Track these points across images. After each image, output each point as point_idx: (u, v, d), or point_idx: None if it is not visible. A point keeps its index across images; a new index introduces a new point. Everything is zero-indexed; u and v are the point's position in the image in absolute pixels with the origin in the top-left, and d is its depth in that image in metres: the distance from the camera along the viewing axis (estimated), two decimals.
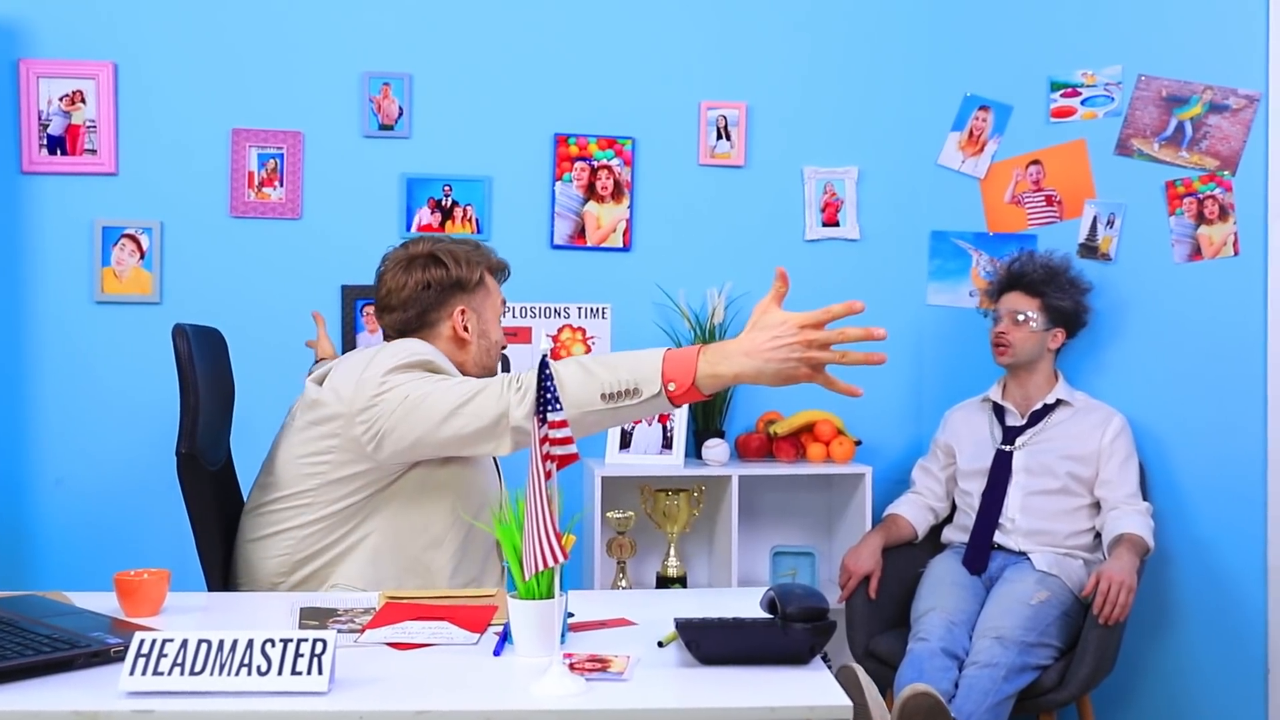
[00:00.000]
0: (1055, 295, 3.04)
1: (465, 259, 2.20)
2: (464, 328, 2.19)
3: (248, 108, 3.25)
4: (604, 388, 1.85)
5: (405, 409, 1.96)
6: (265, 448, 3.18)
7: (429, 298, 2.18)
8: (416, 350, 2.07)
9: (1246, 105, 3.03)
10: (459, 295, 2.20)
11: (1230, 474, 3.05)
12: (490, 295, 2.25)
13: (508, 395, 1.90)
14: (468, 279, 2.20)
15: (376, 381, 2.00)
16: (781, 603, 1.52)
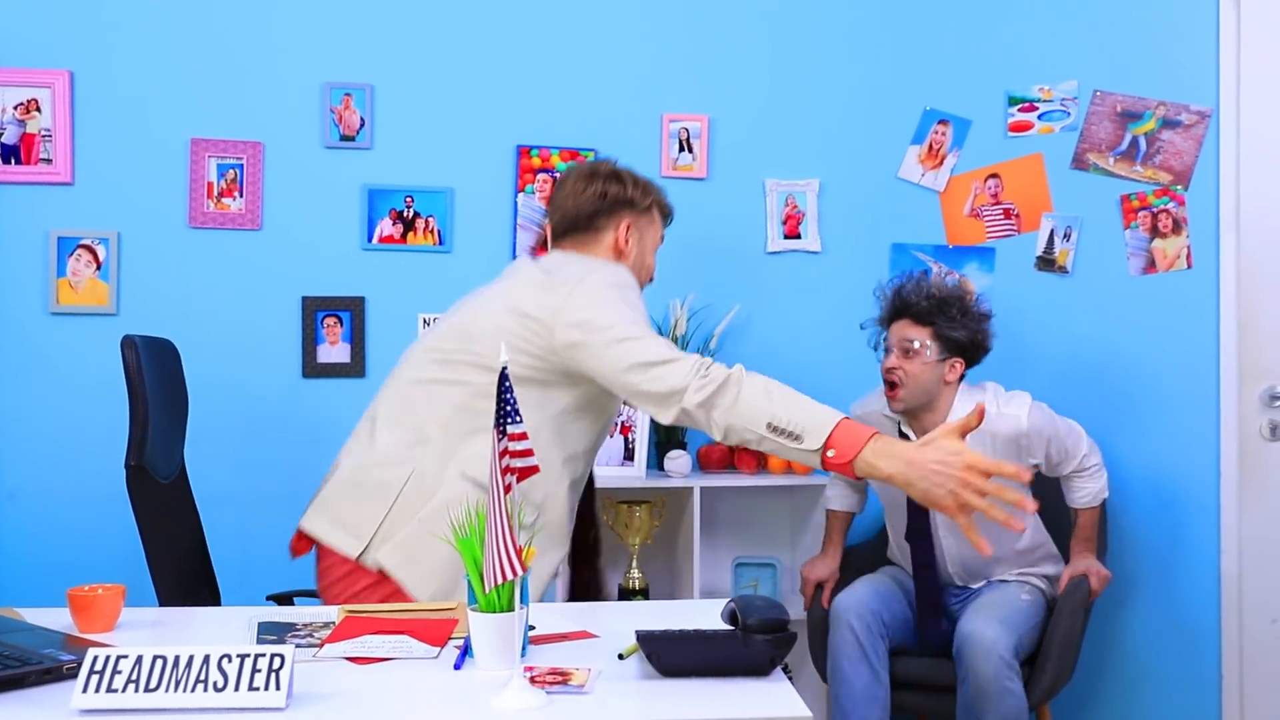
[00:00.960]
0: (946, 325, 2.77)
1: (642, 186, 2.36)
2: (625, 240, 2.31)
3: (207, 118, 3.22)
4: (774, 419, 1.88)
5: (606, 339, 2.03)
6: (223, 460, 3.17)
7: (603, 206, 2.31)
8: (626, 279, 2.17)
9: (1198, 121, 3.08)
10: (629, 211, 2.32)
11: (1184, 484, 3.10)
12: (654, 225, 2.38)
13: (692, 377, 1.95)
14: (639, 200, 2.34)
15: (591, 297, 2.08)
16: (742, 614, 1.52)
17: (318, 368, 3.26)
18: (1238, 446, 3.02)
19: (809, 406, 1.90)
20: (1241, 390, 3.02)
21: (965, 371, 2.82)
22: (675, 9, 3.45)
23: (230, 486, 3.19)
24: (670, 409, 1.97)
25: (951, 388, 2.80)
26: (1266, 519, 3.00)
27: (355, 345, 3.27)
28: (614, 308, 2.07)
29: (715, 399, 1.92)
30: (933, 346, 2.76)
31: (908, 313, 2.81)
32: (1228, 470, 3.04)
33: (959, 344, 2.77)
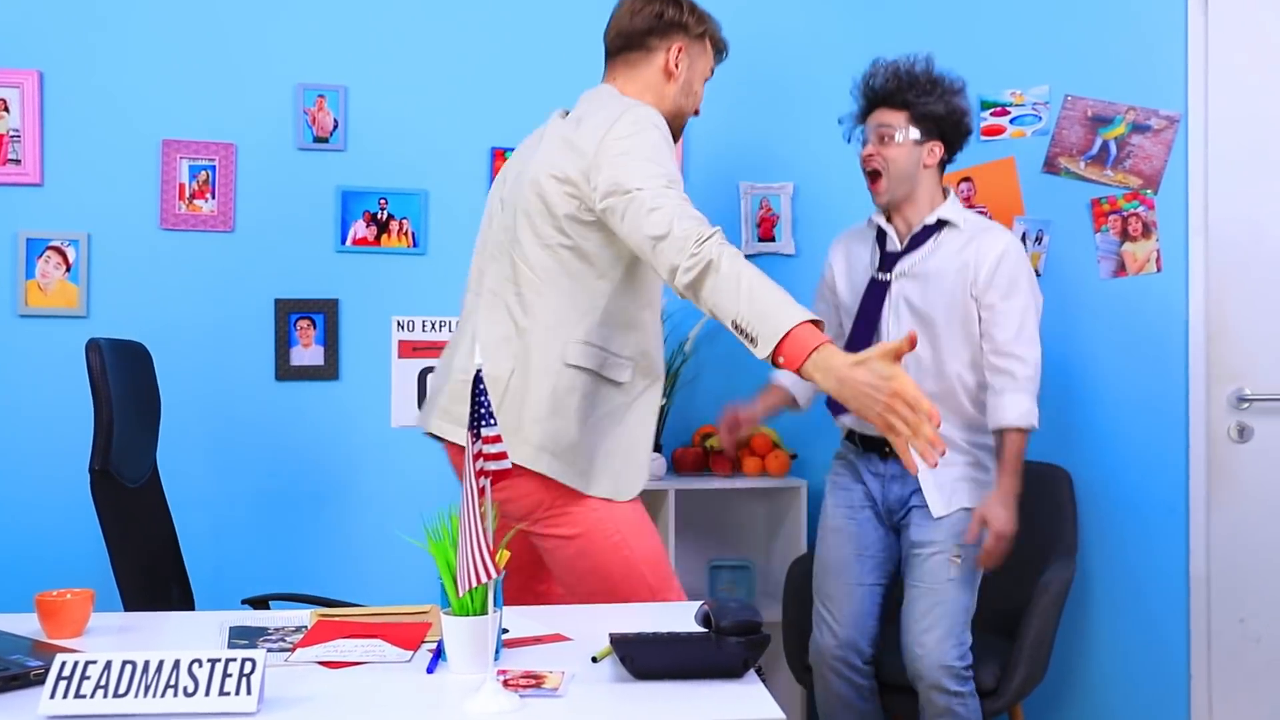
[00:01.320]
0: (922, 101, 2.71)
1: (698, 14, 2.40)
2: (675, 63, 2.36)
3: (179, 119, 3.20)
4: (738, 318, 1.92)
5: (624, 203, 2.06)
6: (197, 463, 3.15)
7: (657, 26, 2.37)
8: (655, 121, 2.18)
9: (1167, 126, 3.11)
10: (681, 35, 2.37)
11: (1152, 485, 3.13)
12: (705, 54, 2.42)
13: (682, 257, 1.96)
14: (694, 26, 2.39)
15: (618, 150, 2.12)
16: (716, 617, 1.53)
17: (291, 370, 3.24)
18: (1206, 448, 3.05)
19: (772, 307, 1.89)
20: (1210, 392, 3.05)
21: (945, 157, 2.78)
22: None
23: (204, 490, 3.17)
24: (674, 284, 2.01)
25: (931, 172, 2.75)
26: (1234, 520, 3.03)
27: (329, 348, 3.26)
28: (639, 165, 2.09)
29: (698, 283, 1.96)
30: (910, 129, 2.72)
31: (881, 100, 2.76)
32: (1196, 472, 3.07)
33: (936, 121, 2.72)
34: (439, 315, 3.33)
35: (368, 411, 3.29)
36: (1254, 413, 3.00)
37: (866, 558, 2.80)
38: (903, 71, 2.75)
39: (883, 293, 2.74)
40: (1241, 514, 3.03)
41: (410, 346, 3.32)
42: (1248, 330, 3.01)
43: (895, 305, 2.73)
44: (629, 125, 2.15)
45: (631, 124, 2.15)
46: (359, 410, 3.29)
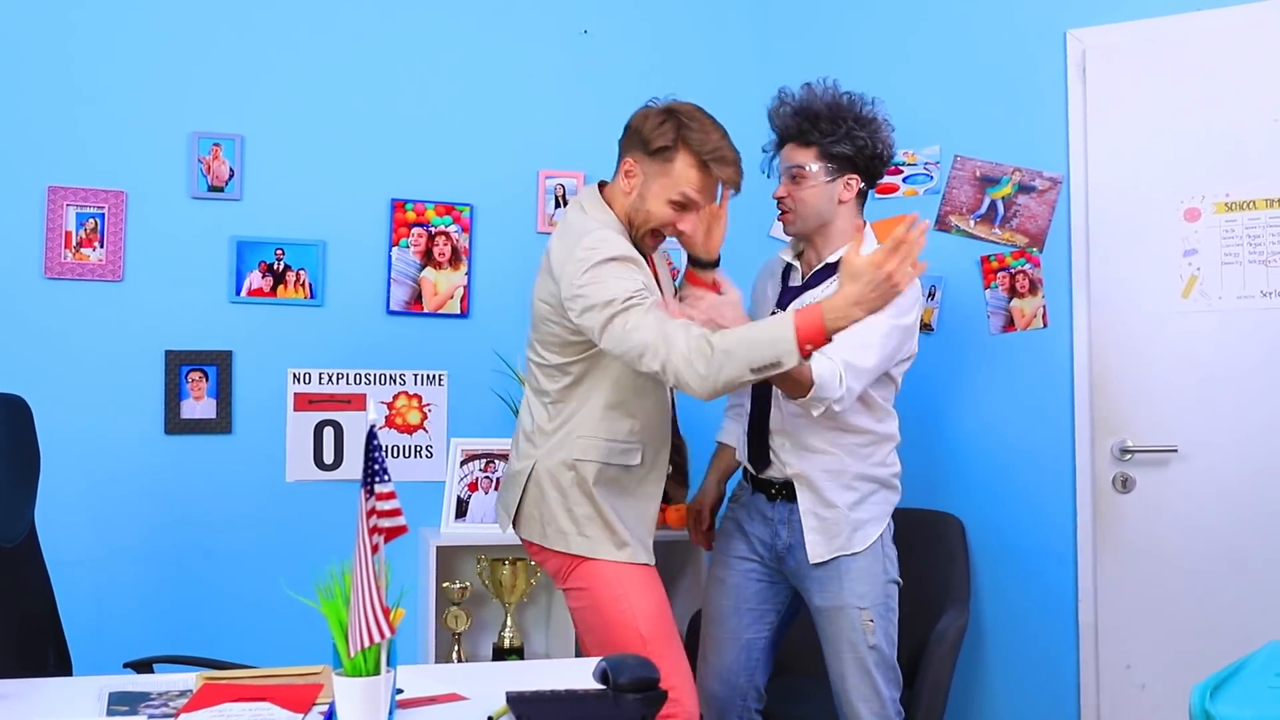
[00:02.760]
0: (830, 142, 2.58)
1: (671, 126, 2.36)
2: (626, 179, 2.41)
3: (66, 165, 3.11)
4: (752, 364, 2.10)
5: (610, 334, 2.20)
6: (79, 520, 3.03)
7: (623, 138, 2.46)
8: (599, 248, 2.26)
9: (1050, 187, 3.24)
10: (636, 150, 2.39)
11: (1042, 534, 3.21)
12: (670, 174, 2.37)
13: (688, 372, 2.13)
14: (650, 140, 2.36)
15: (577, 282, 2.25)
16: (613, 673, 1.52)
17: (181, 424, 3.15)
18: (1092, 498, 3.15)
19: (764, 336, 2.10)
20: (1095, 444, 3.15)
21: (865, 186, 2.65)
22: (552, 66, 3.49)
23: (86, 548, 3.06)
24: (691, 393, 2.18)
25: (849, 206, 2.63)
26: (1120, 569, 3.12)
27: (221, 400, 3.18)
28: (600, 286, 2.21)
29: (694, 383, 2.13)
30: (820, 167, 2.59)
31: (789, 137, 2.65)
32: (1083, 521, 3.16)
33: (848, 159, 2.59)
34: (336, 367, 3.28)
35: (261, 466, 3.22)
36: (1136, 464, 3.10)
37: (745, 610, 2.70)
38: (808, 108, 2.62)
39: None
40: (1126, 563, 3.12)
41: (306, 399, 3.26)
42: (1128, 384, 3.12)
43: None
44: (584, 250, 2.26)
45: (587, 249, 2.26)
46: (252, 464, 3.21)
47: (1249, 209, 2.99)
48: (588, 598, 2.40)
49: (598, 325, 2.20)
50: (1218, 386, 3.01)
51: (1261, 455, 2.95)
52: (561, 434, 2.42)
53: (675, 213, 2.39)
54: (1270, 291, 2.96)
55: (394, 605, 1.47)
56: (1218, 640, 2.89)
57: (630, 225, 2.42)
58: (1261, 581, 2.93)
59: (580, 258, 2.26)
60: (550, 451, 2.42)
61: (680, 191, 2.38)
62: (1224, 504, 2.99)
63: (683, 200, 2.38)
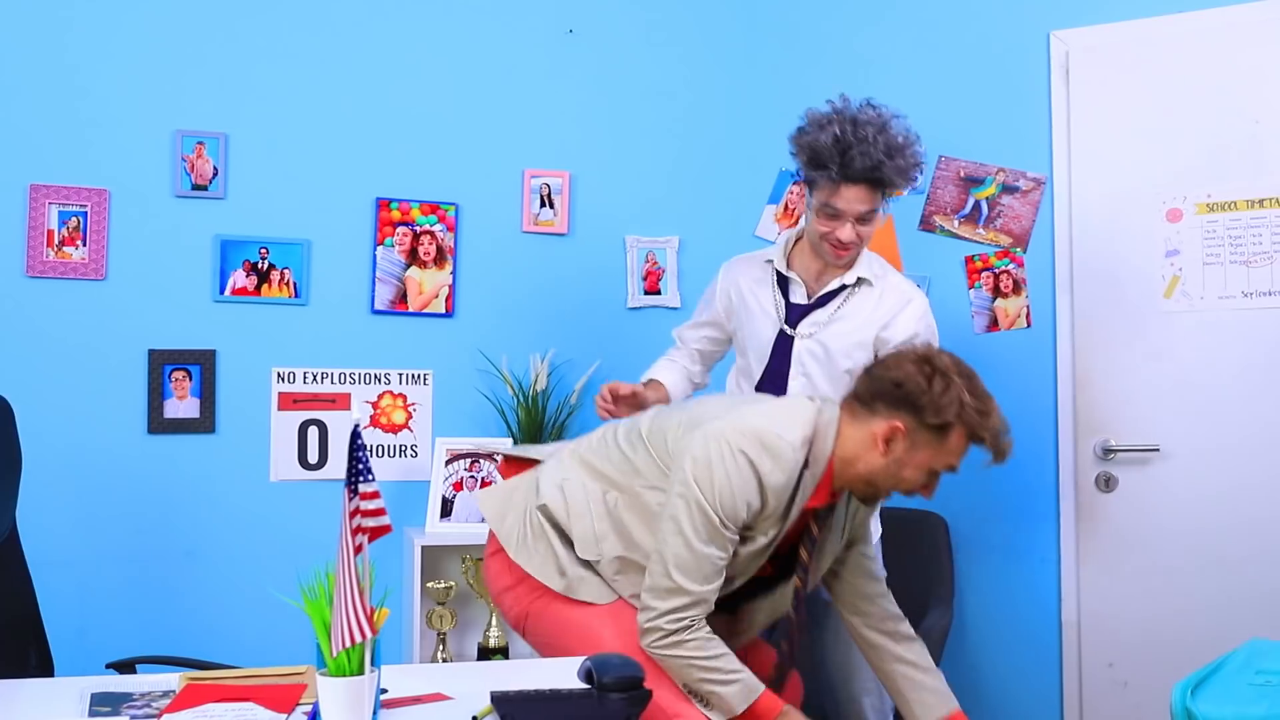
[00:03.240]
0: (900, 182, 2.54)
1: (949, 404, 2.06)
2: (885, 443, 2.09)
3: (48, 163, 3.09)
4: (690, 682, 2.07)
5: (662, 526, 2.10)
6: (61, 520, 3.01)
7: (891, 393, 2.09)
8: (718, 513, 2.06)
9: (1034, 187, 3.25)
10: (910, 416, 2.08)
11: (1026, 533, 3.22)
12: (940, 449, 2.10)
13: (658, 622, 2.06)
14: (930, 415, 2.06)
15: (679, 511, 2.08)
16: (598, 673, 1.52)
17: (164, 423, 3.14)
18: (1075, 498, 3.16)
19: (729, 686, 2.06)
20: (1078, 443, 3.16)
21: None
22: (537, 65, 3.49)
23: (69, 548, 3.04)
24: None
25: None
26: (1103, 567, 3.14)
27: (205, 400, 3.17)
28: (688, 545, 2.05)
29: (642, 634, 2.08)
30: (883, 206, 2.57)
31: (866, 178, 2.48)
32: (1066, 520, 3.17)
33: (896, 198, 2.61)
34: (320, 367, 3.28)
35: (245, 465, 3.21)
36: (1118, 463, 3.12)
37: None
38: (895, 151, 2.49)
39: (788, 348, 2.62)
40: (1108, 562, 3.13)
41: (291, 398, 3.25)
42: (1111, 384, 3.13)
43: (799, 361, 2.62)
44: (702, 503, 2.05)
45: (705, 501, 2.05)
46: (236, 464, 3.20)
47: (1230, 210, 3.01)
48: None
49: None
50: (1200, 386, 3.02)
51: (1243, 454, 2.97)
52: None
53: (930, 478, 2.15)
54: (1251, 292, 2.98)
55: (378, 605, 1.47)
56: (1199, 638, 2.91)
57: (864, 484, 2.15)
58: (1242, 580, 2.95)
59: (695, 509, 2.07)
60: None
61: (947, 462, 2.13)
62: (1206, 503, 3.01)
63: (947, 469, 2.15)
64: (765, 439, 2.06)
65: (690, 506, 2.05)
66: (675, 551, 2.05)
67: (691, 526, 2.04)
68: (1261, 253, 2.98)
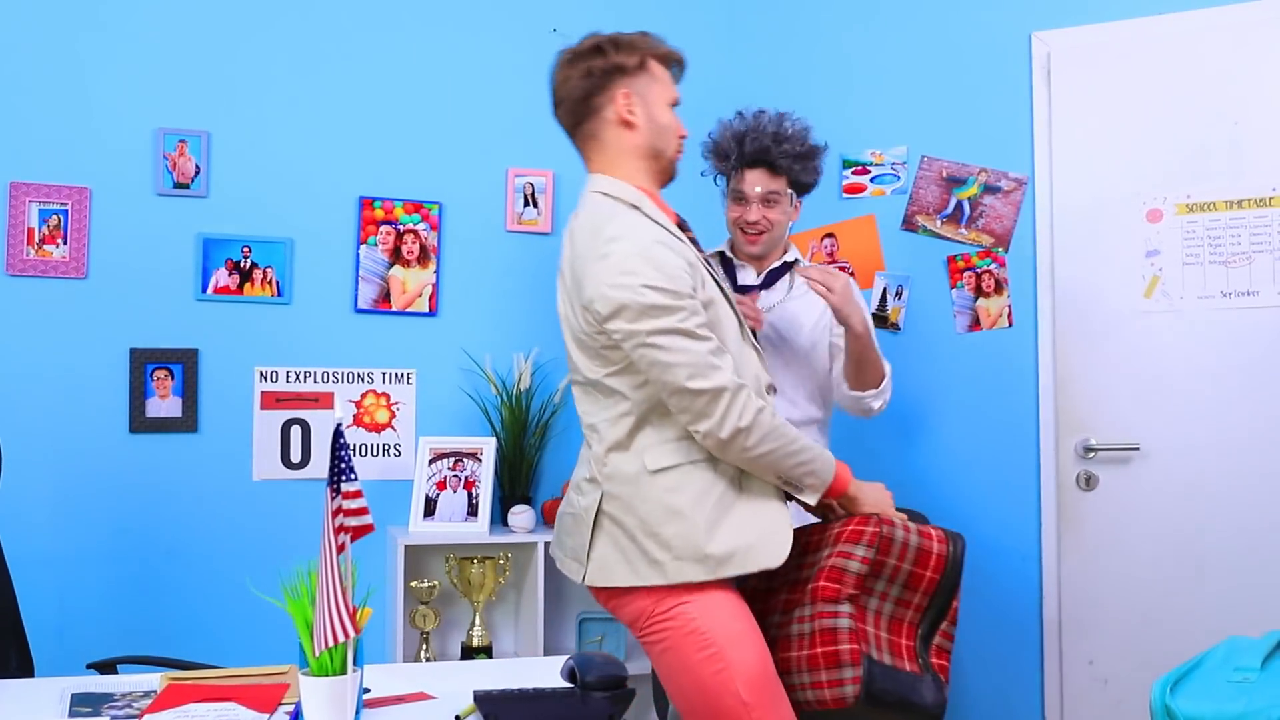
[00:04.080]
0: (799, 169, 2.75)
1: (627, 44, 2.22)
2: (629, 111, 2.18)
3: (29, 161, 3.08)
4: (789, 470, 2.04)
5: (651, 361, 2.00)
6: (41, 519, 3.00)
7: (591, 84, 2.20)
8: (637, 250, 2.02)
9: (1016, 187, 3.27)
10: (620, 79, 2.19)
11: (1007, 532, 3.24)
12: (656, 81, 2.23)
13: (728, 422, 1.97)
14: (625, 63, 2.20)
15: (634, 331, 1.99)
16: (581, 672, 1.52)
17: (146, 422, 3.13)
18: (1056, 496, 3.18)
19: (815, 450, 2.07)
20: (1059, 442, 3.18)
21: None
22: (521, 64, 3.48)
23: (49, 548, 3.02)
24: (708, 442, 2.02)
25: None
26: (1083, 566, 3.16)
27: (187, 399, 3.16)
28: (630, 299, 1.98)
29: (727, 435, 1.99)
30: (789, 194, 2.75)
31: (766, 163, 2.74)
32: (1048, 519, 3.19)
33: (808, 188, 2.79)
34: (303, 366, 3.27)
35: (227, 464, 3.20)
36: (1099, 462, 3.14)
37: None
38: (777, 134, 2.74)
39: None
40: (1088, 560, 3.15)
41: (274, 398, 3.24)
42: (1092, 383, 3.15)
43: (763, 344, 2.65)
44: (615, 259, 2.02)
45: (620, 256, 2.03)
46: (218, 463, 3.19)
47: (1210, 210, 3.03)
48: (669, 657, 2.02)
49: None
50: (1179, 385, 3.05)
51: (1222, 453, 2.99)
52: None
53: (675, 117, 2.26)
54: (1230, 292, 3.00)
55: (361, 604, 1.47)
56: (1179, 636, 2.93)
57: (653, 159, 2.22)
58: (1221, 578, 2.98)
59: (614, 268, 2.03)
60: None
61: (672, 93, 2.26)
62: (1185, 501, 3.03)
63: (675, 101, 2.27)
64: (604, 229, 2.09)
65: (643, 313, 1.97)
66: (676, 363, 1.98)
67: (663, 328, 1.98)
68: (1240, 253, 3.00)
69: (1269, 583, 2.92)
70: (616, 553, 2.00)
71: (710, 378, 1.98)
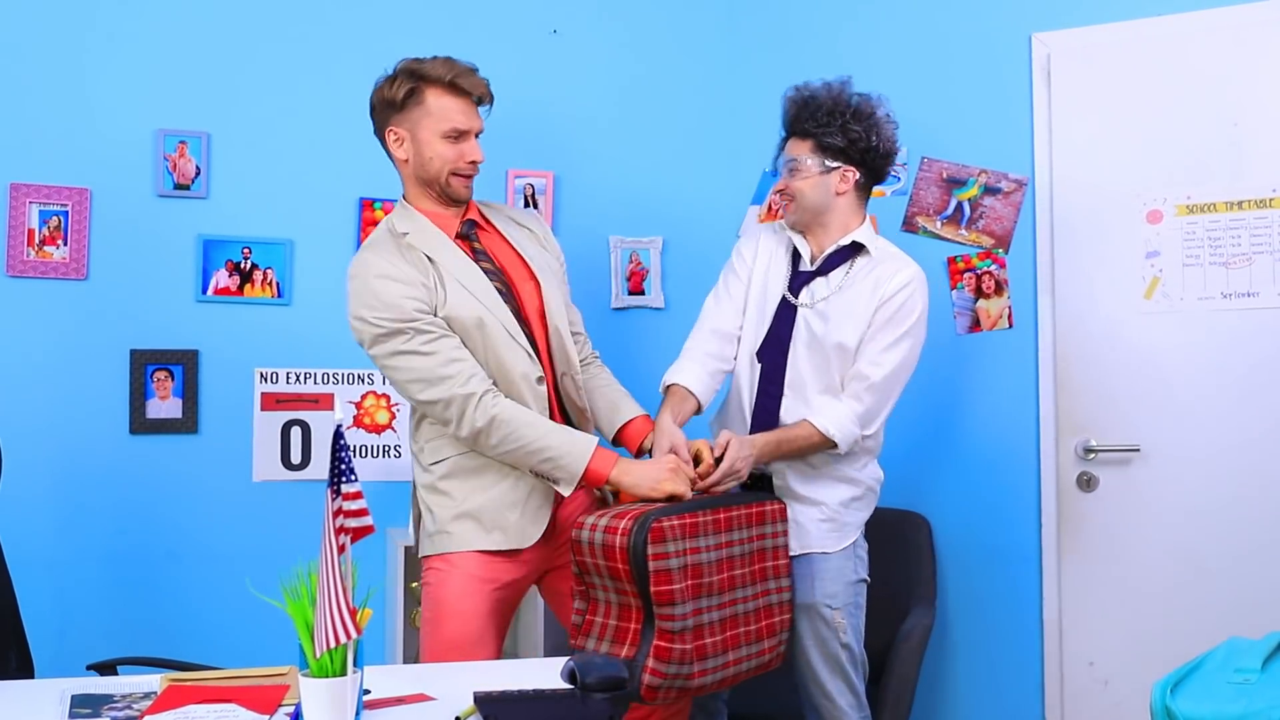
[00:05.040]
0: (821, 131, 2.62)
1: (401, 75, 2.35)
2: (397, 146, 2.40)
3: (29, 162, 3.07)
4: (531, 462, 2.33)
5: (395, 382, 2.41)
6: (42, 520, 3.00)
7: (375, 122, 2.45)
8: (363, 270, 2.36)
9: (1016, 189, 3.27)
10: (391, 116, 2.39)
11: (1007, 533, 3.24)
12: (428, 113, 2.36)
13: (464, 425, 2.31)
14: (392, 97, 2.35)
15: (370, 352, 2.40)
16: (581, 673, 1.52)
17: (147, 423, 3.13)
18: (1056, 497, 3.18)
19: (559, 448, 2.33)
20: (1059, 444, 3.18)
21: (865, 180, 2.66)
22: (521, 65, 3.49)
23: (49, 549, 3.02)
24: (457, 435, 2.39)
25: (847, 198, 2.64)
26: (1084, 567, 3.16)
27: (187, 400, 3.16)
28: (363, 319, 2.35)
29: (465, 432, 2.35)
30: (814, 160, 2.62)
31: (791, 130, 2.69)
32: (1048, 520, 3.19)
33: (842, 152, 2.62)
34: (304, 367, 3.27)
35: (228, 466, 3.20)
36: (1099, 463, 3.14)
37: None
38: (804, 98, 2.66)
39: (791, 318, 2.63)
40: (1089, 561, 3.15)
41: (274, 399, 3.24)
42: (1092, 384, 3.15)
43: (799, 333, 2.62)
44: (355, 281, 2.39)
45: (357, 277, 2.38)
46: (218, 464, 3.19)
47: (1210, 211, 3.03)
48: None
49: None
50: (1180, 387, 3.05)
51: (1222, 454, 2.99)
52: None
53: (456, 145, 2.41)
54: (1230, 293, 3.00)
55: (361, 606, 1.47)
56: (1179, 637, 2.93)
57: (428, 185, 2.45)
58: (1222, 579, 2.97)
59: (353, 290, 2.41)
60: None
61: (448, 124, 2.39)
62: (1186, 503, 3.03)
63: (453, 132, 2.40)
64: (350, 270, 2.42)
65: (374, 341, 2.35)
66: (407, 380, 2.34)
67: (391, 350, 2.33)
68: (1240, 254, 3.00)
69: (1269, 584, 2.92)
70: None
71: (439, 388, 2.29)
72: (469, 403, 2.28)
